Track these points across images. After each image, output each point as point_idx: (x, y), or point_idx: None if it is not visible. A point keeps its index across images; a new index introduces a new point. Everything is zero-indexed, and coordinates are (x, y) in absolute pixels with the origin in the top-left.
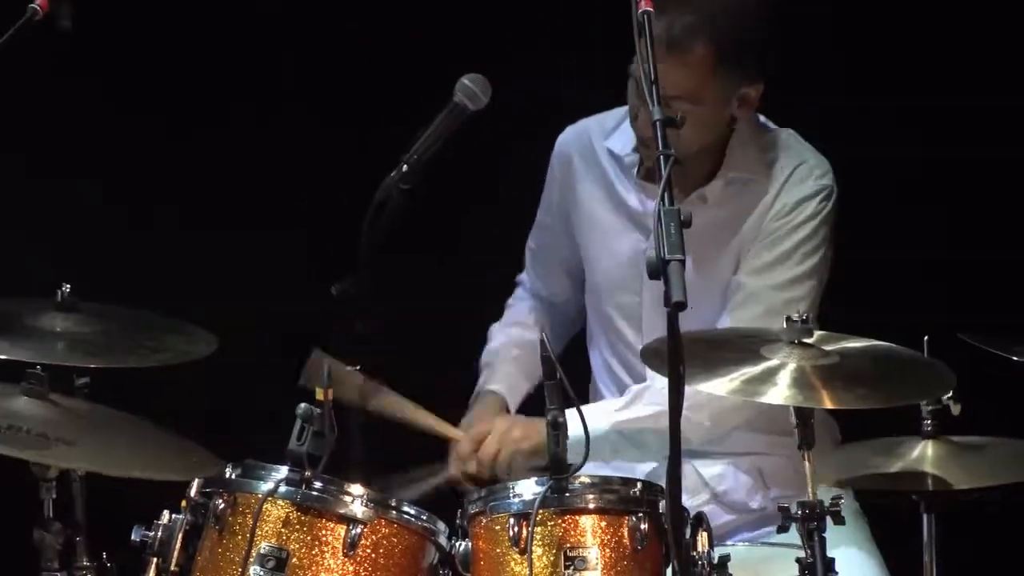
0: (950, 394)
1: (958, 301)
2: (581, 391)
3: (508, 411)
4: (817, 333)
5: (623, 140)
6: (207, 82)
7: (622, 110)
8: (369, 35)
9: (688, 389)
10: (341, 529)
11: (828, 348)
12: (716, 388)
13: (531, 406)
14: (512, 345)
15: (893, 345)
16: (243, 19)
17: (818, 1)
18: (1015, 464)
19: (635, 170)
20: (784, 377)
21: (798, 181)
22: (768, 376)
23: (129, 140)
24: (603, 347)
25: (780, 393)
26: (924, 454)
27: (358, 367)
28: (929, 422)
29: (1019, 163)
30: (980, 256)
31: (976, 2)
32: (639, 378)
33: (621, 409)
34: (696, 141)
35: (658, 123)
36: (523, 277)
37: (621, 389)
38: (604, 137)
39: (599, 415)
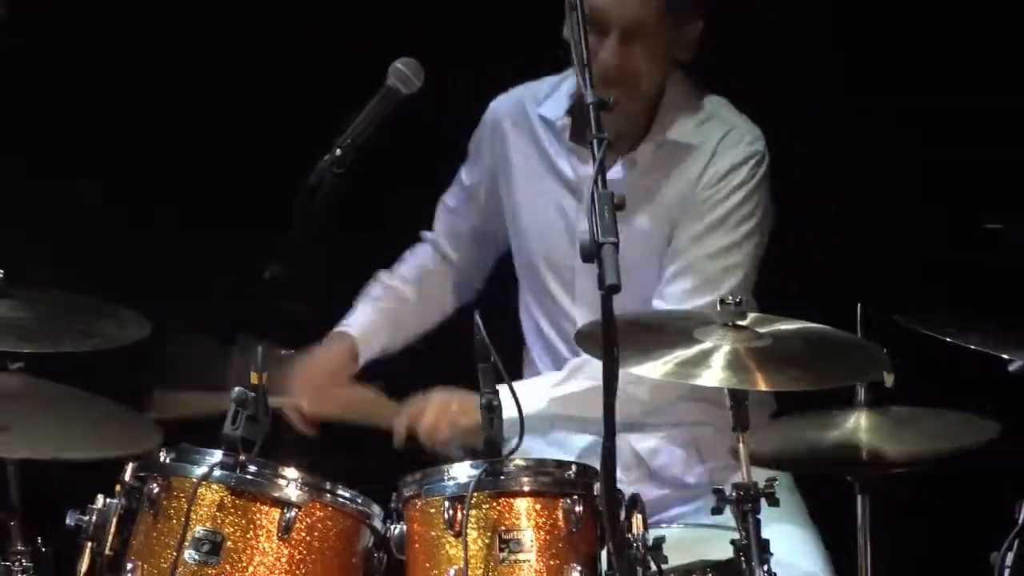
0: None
1: (893, 281)
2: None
3: (356, 358)
4: (751, 315)
5: (556, 105)
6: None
7: (554, 78)
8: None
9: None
10: (276, 512)
11: (762, 330)
12: (650, 371)
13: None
14: (389, 297)
15: (827, 327)
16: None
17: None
18: (947, 434)
19: (566, 134)
20: (718, 359)
21: (729, 147)
22: (702, 359)
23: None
24: (536, 312)
25: (714, 376)
26: (858, 425)
27: (292, 351)
28: (863, 393)
29: (956, 138)
30: (916, 235)
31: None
32: (570, 342)
33: (557, 384)
34: (644, 68)
35: (591, 106)
36: (428, 234)
37: (553, 354)
38: (537, 104)
39: (535, 392)
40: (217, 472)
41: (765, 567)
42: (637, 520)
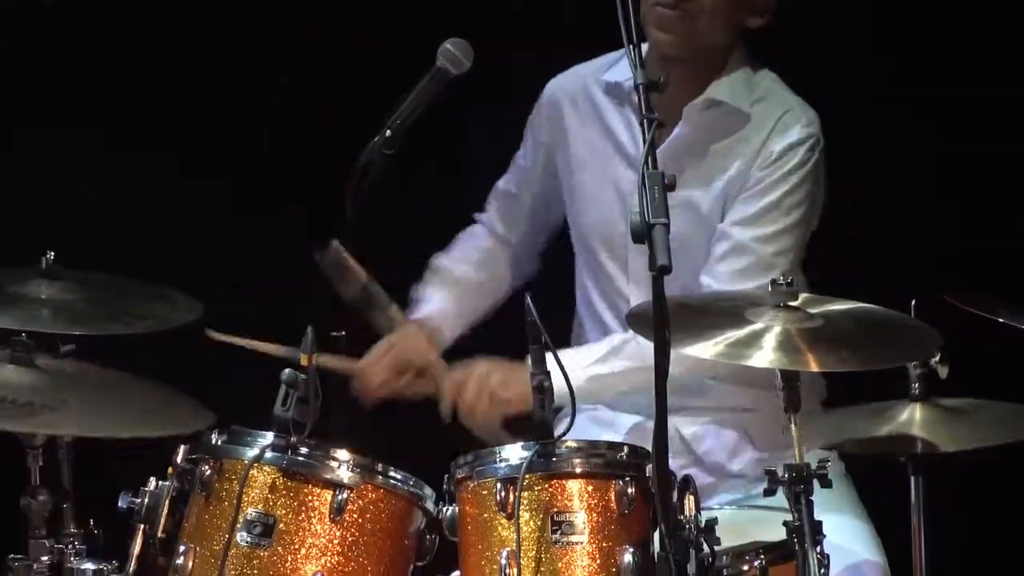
0: (937, 357)
1: (945, 264)
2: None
3: (435, 347)
4: (802, 296)
5: (623, 71)
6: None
7: (614, 54)
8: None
9: None
10: (328, 494)
11: (813, 311)
12: (701, 352)
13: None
14: (455, 281)
15: (878, 307)
16: None
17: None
18: (1001, 426)
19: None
20: (769, 340)
21: (784, 128)
22: (753, 339)
23: (116, 109)
24: (590, 288)
25: (765, 356)
26: (912, 417)
27: (343, 332)
28: (917, 385)
29: (1002, 125)
30: (968, 218)
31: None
32: (622, 320)
33: (597, 362)
34: (710, 19)
35: (641, 87)
36: (483, 216)
37: (604, 330)
38: (603, 72)
39: (575, 366)
40: (269, 454)
41: (818, 549)
42: (689, 502)
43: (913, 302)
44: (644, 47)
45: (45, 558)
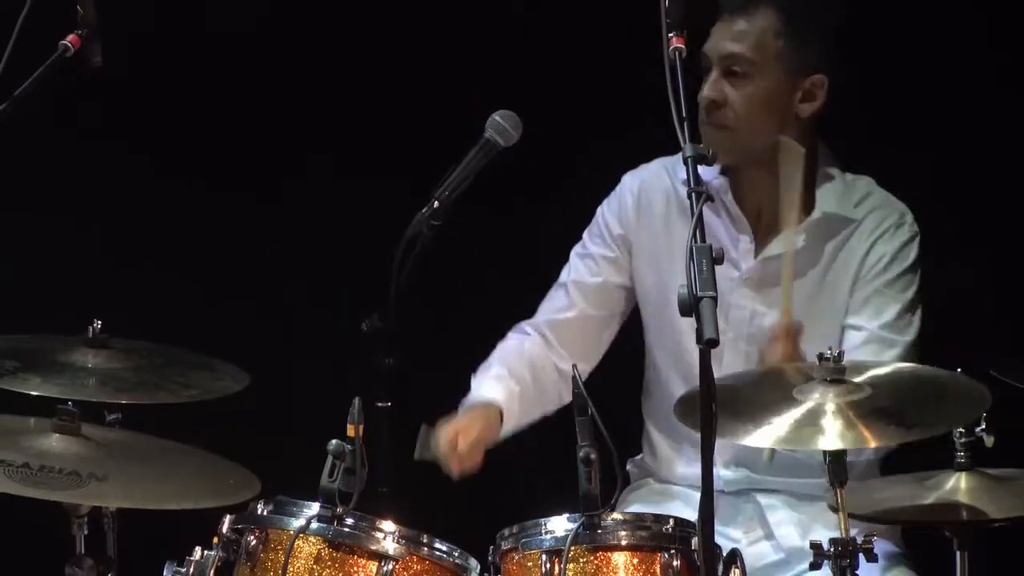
0: (983, 426)
1: (991, 336)
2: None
3: (497, 430)
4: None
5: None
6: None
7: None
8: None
9: None
10: (373, 566)
11: (858, 380)
12: (759, 441)
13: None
14: (523, 379)
15: (918, 365)
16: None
17: None
18: None
19: (727, 195)
20: (828, 421)
21: (892, 230)
22: (811, 420)
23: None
24: (672, 397)
25: (831, 441)
26: (958, 486)
27: (389, 403)
28: (962, 454)
29: None
30: (1012, 290)
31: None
32: None
33: None
34: (755, 112)
35: (690, 160)
36: (537, 324)
37: (685, 437)
38: (679, 173)
39: None
40: (314, 524)
41: None
42: (735, 575)
43: (959, 372)
44: None
45: None
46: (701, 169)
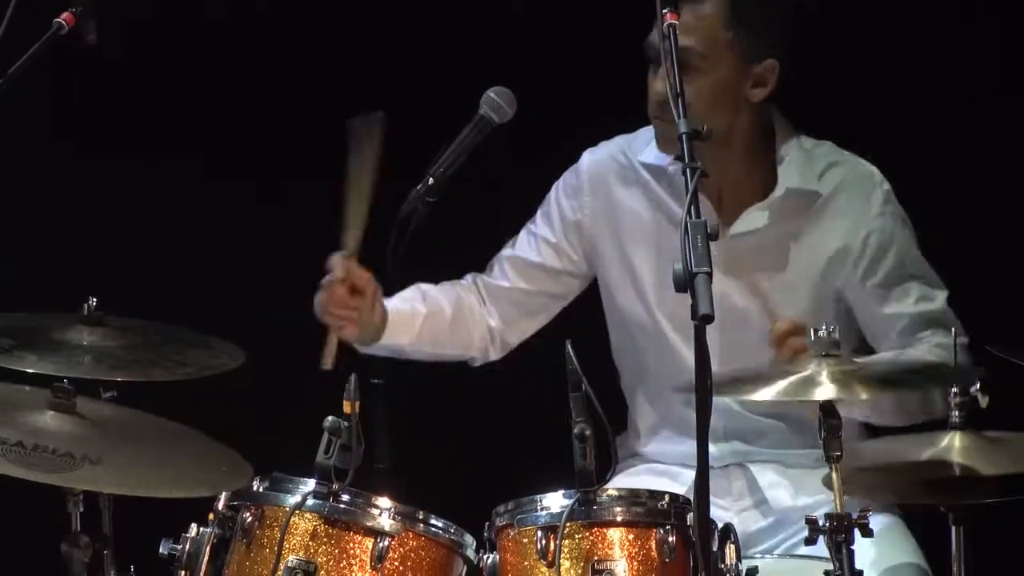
0: (978, 385)
1: (984, 310)
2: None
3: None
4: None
5: (658, 152)
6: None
7: (645, 129)
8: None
9: None
10: (369, 542)
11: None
12: (763, 395)
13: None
14: (440, 308)
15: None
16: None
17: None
18: None
19: (678, 177)
20: (824, 379)
21: (867, 196)
22: (809, 381)
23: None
24: (649, 366)
25: (825, 391)
26: (952, 444)
27: (383, 381)
28: (957, 413)
29: None
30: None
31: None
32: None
33: None
34: (706, 105)
35: (684, 136)
36: (480, 277)
37: (665, 405)
38: (638, 154)
39: None
40: (310, 501)
41: None
42: (730, 550)
43: (954, 345)
44: None
45: None
46: (654, 151)
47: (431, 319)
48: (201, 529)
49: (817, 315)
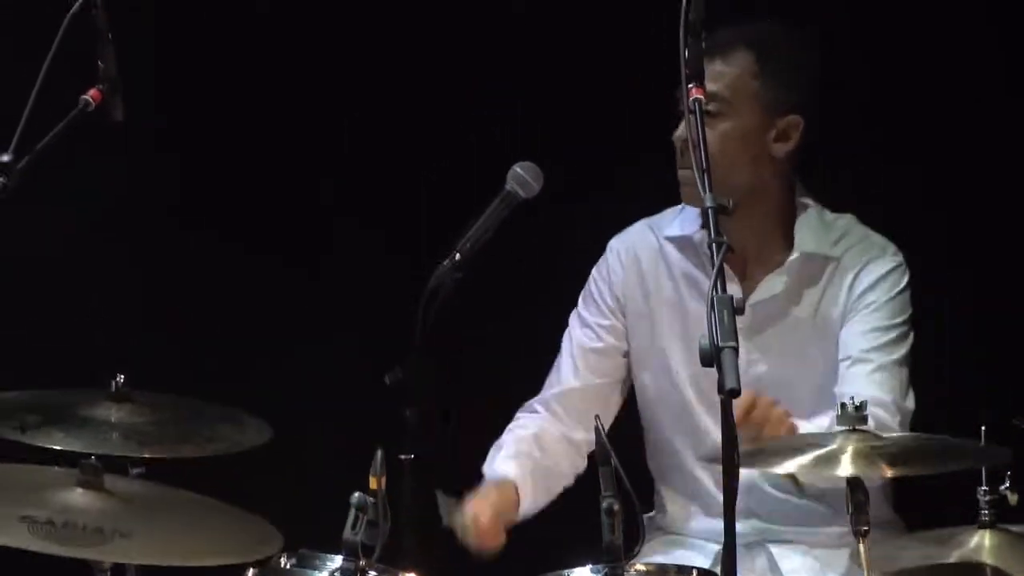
0: (1007, 484)
1: (1013, 388)
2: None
3: (516, 507)
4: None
5: (687, 223)
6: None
7: (671, 209)
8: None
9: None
10: None
11: (883, 434)
12: (788, 468)
13: None
14: (536, 443)
15: (945, 437)
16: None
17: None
18: None
19: (704, 247)
20: (847, 457)
21: (875, 259)
22: (833, 455)
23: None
24: (679, 448)
25: (845, 468)
26: (981, 544)
27: (412, 456)
28: (986, 512)
29: None
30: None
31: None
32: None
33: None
34: (727, 153)
35: (710, 210)
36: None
37: (695, 488)
38: (666, 228)
39: None
40: None
41: None
42: None
43: (983, 428)
44: None
45: None
46: (679, 225)
47: (536, 476)
48: None
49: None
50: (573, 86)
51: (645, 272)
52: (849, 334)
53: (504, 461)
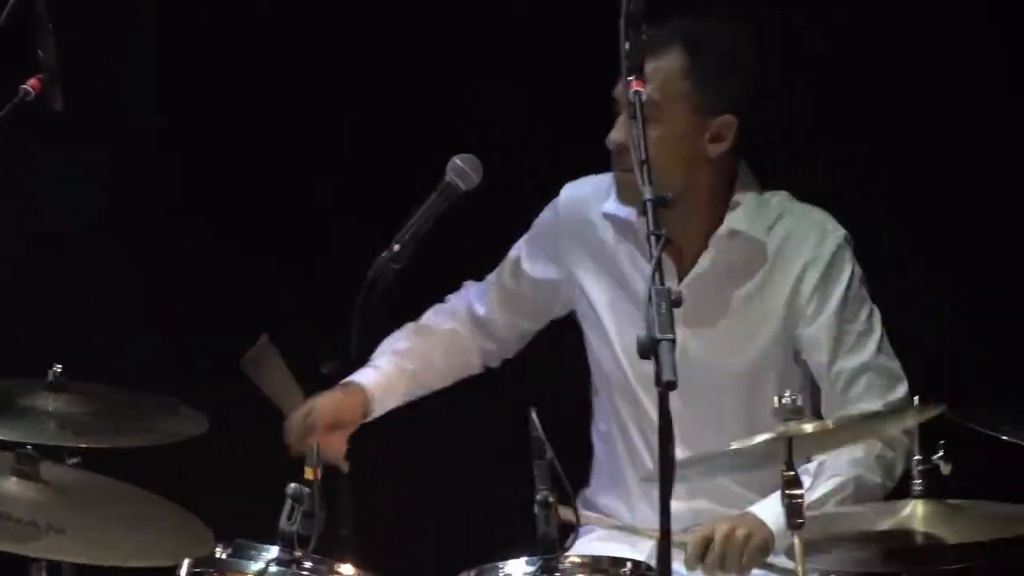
0: (940, 453)
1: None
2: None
3: (365, 414)
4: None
5: (622, 210)
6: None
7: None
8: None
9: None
10: None
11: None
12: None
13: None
14: (413, 356)
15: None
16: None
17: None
18: (1000, 523)
19: (642, 234)
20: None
21: (819, 242)
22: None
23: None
24: (625, 420)
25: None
26: (914, 513)
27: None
28: (919, 482)
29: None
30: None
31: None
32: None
33: (813, 496)
34: (661, 155)
35: (648, 203)
36: (468, 293)
37: (637, 459)
38: (603, 201)
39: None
40: (273, 568)
41: None
42: None
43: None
44: None
45: None
46: (616, 209)
47: (417, 377)
48: None
49: (772, 365)
50: (573, 86)
51: (599, 239)
52: (817, 340)
53: (366, 369)
